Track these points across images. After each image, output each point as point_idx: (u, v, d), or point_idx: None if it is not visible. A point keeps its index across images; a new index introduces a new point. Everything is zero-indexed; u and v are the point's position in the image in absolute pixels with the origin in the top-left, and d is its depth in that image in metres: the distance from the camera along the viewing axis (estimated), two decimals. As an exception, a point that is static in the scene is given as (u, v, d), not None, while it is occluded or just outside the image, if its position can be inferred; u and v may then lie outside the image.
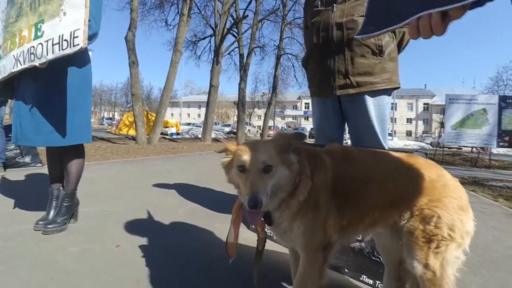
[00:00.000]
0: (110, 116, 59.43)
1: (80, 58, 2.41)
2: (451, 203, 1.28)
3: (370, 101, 2.14)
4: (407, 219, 1.31)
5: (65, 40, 2.05)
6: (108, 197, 3.51)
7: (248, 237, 2.32)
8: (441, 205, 1.27)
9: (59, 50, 2.08)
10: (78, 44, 2.02)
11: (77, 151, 2.57)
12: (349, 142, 3.00)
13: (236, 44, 21.83)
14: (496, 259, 2.52)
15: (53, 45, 2.10)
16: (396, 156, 1.45)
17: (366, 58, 2.12)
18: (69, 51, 2.05)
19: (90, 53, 2.66)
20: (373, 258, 1.81)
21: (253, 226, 2.26)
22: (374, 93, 2.14)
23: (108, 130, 23.69)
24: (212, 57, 18.87)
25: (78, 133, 2.47)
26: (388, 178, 1.37)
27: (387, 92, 2.20)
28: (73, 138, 2.44)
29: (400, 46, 2.30)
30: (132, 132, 17.88)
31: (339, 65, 2.17)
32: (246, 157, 1.25)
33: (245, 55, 21.90)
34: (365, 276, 1.83)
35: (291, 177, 1.27)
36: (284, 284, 1.82)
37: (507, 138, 11.27)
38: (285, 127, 42.61)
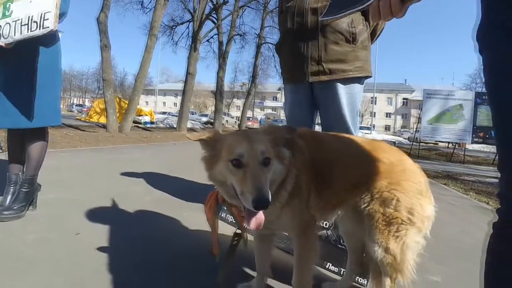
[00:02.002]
0: (80, 102, 57.79)
1: (49, 37, 2.33)
2: (411, 187, 1.33)
3: (342, 89, 2.18)
4: (368, 201, 1.35)
5: (34, 21, 2.02)
6: (71, 185, 3.42)
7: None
8: (400, 188, 1.32)
9: (27, 31, 2.04)
10: (48, 27, 2.00)
11: (40, 134, 2.48)
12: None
13: (215, 31, 21.65)
14: (463, 249, 2.64)
15: (21, 25, 2.05)
16: (360, 140, 1.49)
17: (340, 45, 2.15)
18: (38, 32, 2.02)
19: (59, 34, 2.58)
20: (339, 246, 1.86)
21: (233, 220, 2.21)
22: (346, 81, 2.18)
23: (77, 117, 22.98)
24: (190, 43, 18.61)
25: (48, 114, 2.40)
26: (353, 160, 1.42)
27: (359, 80, 2.24)
28: (42, 120, 2.36)
29: (373, 36, 2.35)
30: (103, 120, 17.46)
31: (312, 51, 2.19)
32: (242, 148, 1.12)
33: (225, 42, 21.74)
34: (330, 264, 1.88)
35: (284, 172, 1.23)
36: (247, 271, 1.84)
37: (481, 134, 11.75)
38: (264, 119, 42.65)
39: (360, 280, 1.78)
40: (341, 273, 1.84)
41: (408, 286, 1.41)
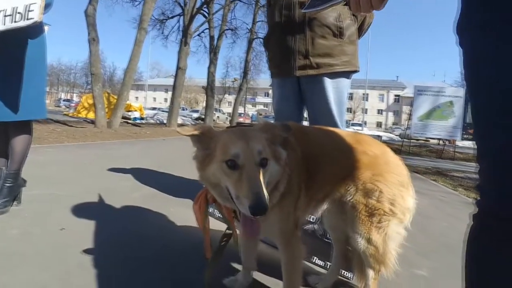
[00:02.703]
0: (68, 97, 56.95)
1: (35, 29, 2.31)
2: (393, 178, 1.37)
3: (329, 83, 2.20)
4: (352, 194, 1.37)
5: (19, 12, 1.99)
6: (58, 180, 3.40)
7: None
8: (383, 180, 1.35)
9: (11, 22, 2.01)
10: (32, 18, 1.98)
11: (25, 127, 2.45)
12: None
13: (206, 25, 21.57)
14: (449, 244, 2.69)
15: (5, 16, 2.02)
16: (344, 133, 1.52)
17: (327, 39, 2.17)
18: (22, 24, 2.00)
19: (46, 27, 2.55)
20: (325, 240, 1.89)
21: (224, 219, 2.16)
22: (333, 75, 2.20)
23: (65, 113, 22.65)
24: (181, 37, 18.48)
25: (33, 108, 2.37)
26: (339, 153, 1.43)
27: (346, 74, 2.26)
28: (27, 113, 2.34)
29: (361, 31, 2.37)
30: (91, 116, 17.26)
31: (299, 45, 2.20)
32: (237, 148, 1.05)
33: (216, 37, 21.61)
34: (316, 258, 1.91)
35: (280, 173, 1.17)
36: (233, 265, 1.86)
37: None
38: (256, 115, 42.62)
39: (346, 273, 1.82)
40: (327, 267, 1.87)
41: (391, 278, 1.45)
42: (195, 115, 35.11)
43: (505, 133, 0.88)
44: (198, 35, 22.85)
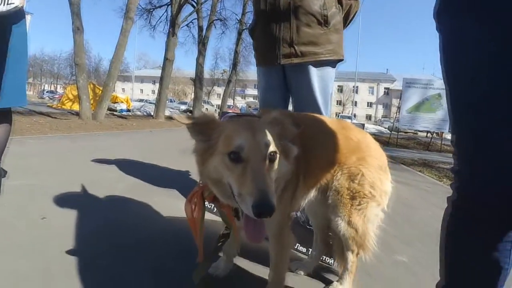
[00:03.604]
0: (52, 89, 55.93)
1: (18, 15, 2.26)
2: (374, 162, 1.42)
3: (314, 72, 2.21)
4: (338, 178, 1.41)
5: None
6: (40, 171, 3.36)
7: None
8: (365, 164, 1.40)
9: None
10: (13, 3, 1.95)
11: (4, 116, 2.41)
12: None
13: (194, 15, 21.29)
14: (432, 233, 2.75)
15: None
16: (329, 120, 1.55)
17: (311, 28, 2.18)
18: (2, 8, 1.96)
19: (28, 16, 2.50)
20: (308, 227, 1.93)
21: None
22: (318, 64, 2.22)
23: (49, 104, 22.23)
24: (168, 27, 18.26)
25: (12, 95, 2.33)
26: (329, 139, 1.46)
27: (331, 63, 2.28)
28: (7, 101, 2.29)
29: (346, 20, 2.39)
30: (76, 107, 16.94)
31: (284, 33, 2.21)
32: (241, 139, 0.96)
33: (205, 27, 21.41)
34: (298, 245, 1.95)
35: (289, 172, 1.10)
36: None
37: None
38: (246, 107, 42.51)
39: (328, 259, 1.86)
40: (308, 253, 1.91)
41: (371, 261, 1.50)
42: (183, 107, 34.84)
43: (481, 117, 0.91)
44: (187, 25, 22.65)
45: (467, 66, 0.93)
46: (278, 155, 1.01)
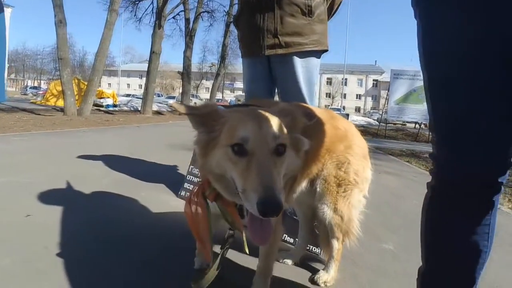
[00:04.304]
0: (35, 84, 54.85)
1: None
2: (358, 150, 1.47)
3: (298, 62, 2.23)
4: (327, 167, 1.45)
5: None
6: (24, 168, 3.32)
7: (176, 205, 2.36)
8: (352, 152, 1.45)
9: None
10: None
11: None
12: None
13: (181, 7, 21.11)
14: (417, 221, 2.79)
15: None
16: (318, 110, 1.58)
17: (296, 18, 2.19)
18: None
19: (9, 9, 2.45)
20: (295, 217, 1.95)
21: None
22: (303, 54, 2.23)
23: (32, 101, 21.87)
24: (154, 20, 18.04)
25: None
26: (321, 130, 1.47)
27: (316, 54, 2.30)
28: None
29: (330, 10, 2.41)
30: (60, 103, 16.71)
31: (268, 24, 2.21)
32: (246, 130, 0.90)
33: (192, 20, 21.23)
34: (286, 235, 1.97)
35: (299, 168, 1.05)
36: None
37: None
38: (235, 101, 42.39)
39: (314, 249, 1.89)
40: (295, 243, 1.94)
41: (356, 248, 1.56)
42: (171, 101, 34.54)
43: (456, 103, 0.93)
44: (173, 17, 22.35)
45: (444, 52, 0.95)
46: (287, 149, 0.95)
